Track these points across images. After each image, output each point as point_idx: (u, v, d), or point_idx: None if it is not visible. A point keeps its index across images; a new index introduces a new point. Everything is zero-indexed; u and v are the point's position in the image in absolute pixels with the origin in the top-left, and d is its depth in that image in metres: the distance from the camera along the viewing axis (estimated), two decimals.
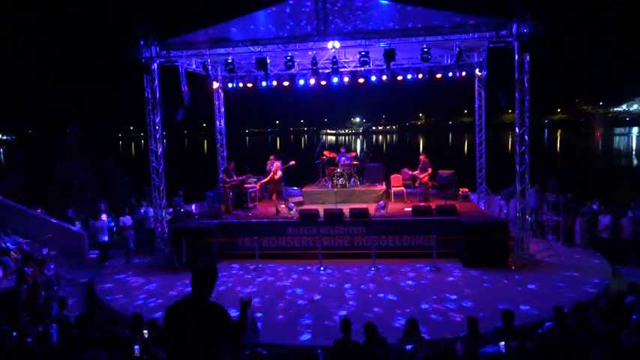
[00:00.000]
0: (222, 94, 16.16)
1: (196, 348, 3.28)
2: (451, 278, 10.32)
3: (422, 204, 13.24)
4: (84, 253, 13.47)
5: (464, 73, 13.69)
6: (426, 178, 14.05)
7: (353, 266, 11.21)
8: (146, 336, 6.17)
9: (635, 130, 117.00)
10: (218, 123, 16.42)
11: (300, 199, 14.98)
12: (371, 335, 5.69)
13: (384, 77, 13.79)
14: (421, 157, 14.17)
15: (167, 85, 11.81)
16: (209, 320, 3.34)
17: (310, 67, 12.95)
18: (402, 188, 15.04)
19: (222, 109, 16.32)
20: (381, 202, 12.88)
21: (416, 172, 14.32)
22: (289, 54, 11.97)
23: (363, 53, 12.07)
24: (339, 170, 15.03)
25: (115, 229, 15.00)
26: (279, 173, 14.00)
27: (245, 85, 14.73)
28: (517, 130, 10.94)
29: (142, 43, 11.59)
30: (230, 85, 14.99)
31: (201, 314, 3.36)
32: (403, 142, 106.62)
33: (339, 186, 14.87)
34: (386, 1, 11.35)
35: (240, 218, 13.12)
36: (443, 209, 12.13)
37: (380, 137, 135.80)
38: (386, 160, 17.83)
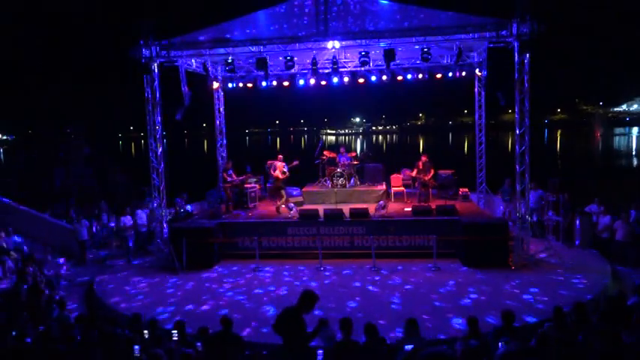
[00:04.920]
0: (222, 94, 16.16)
1: (290, 337, 5.21)
2: (451, 278, 10.31)
3: (422, 204, 13.24)
4: (84, 253, 13.46)
5: (464, 73, 13.69)
6: (432, 180, 14.01)
7: (353, 266, 11.21)
8: (146, 336, 6.17)
9: (635, 130, 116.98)
10: (218, 123, 16.42)
11: (300, 199, 14.98)
12: (371, 335, 5.68)
13: (384, 77, 13.79)
14: (423, 157, 14.10)
15: (167, 85, 11.82)
16: (294, 327, 5.15)
17: (310, 67, 12.95)
18: (402, 188, 15.04)
19: (222, 109, 16.33)
20: (381, 202, 12.88)
21: (414, 174, 14.28)
22: (289, 54, 11.97)
23: (363, 53, 12.08)
24: (339, 170, 15.03)
25: (114, 229, 15.01)
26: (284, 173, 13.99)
27: (245, 85, 14.74)
28: (517, 130, 10.94)
29: (142, 43, 11.60)
30: (230, 85, 15.00)
31: (293, 321, 5.15)
32: (403, 142, 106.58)
33: (339, 186, 14.87)
34: (386, 1, 11.36)
35: (240, 218, 13.12)
36: (443, 209, 12.12)
37: (380, 137, 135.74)
38: (386, 160, 17.83)
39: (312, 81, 13.90)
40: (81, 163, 23.92)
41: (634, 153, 59.89)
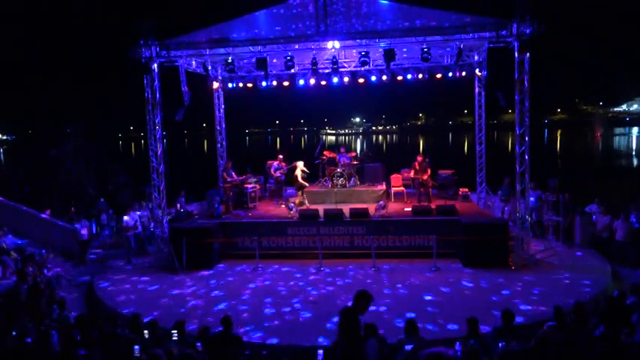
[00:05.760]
0: (222, 94, 16.16)
1: (346, 335, 5.29)
2: (451, 278, 10.31)
3: (422, 204, 13.24)
4: (84, 253, 13.45)
5: (464, 73, 13.68)
6: (430, 181, 13.94)
7: (353, 266, 11.21)
8: (146, 336, 6.17)
9: (635, 130, 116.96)
10: (218, 123, 16.42)
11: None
12: (371, 335, 5.68)
13: (384, 77, 13.77)
14: (418, 158, 14.04)
15: (167, 85, 11.81)
16: (350, 328, 5.25)
17: (310, 67, 12.95)
18: (402, 188, 15.04)
19: (222, 109, 16.33)
20: (381, 202, 12.88)
21: (411, 174, 14.23)
22: (289, 54, 11.97)
23: (363, 53, 12.08)
24: (339, 170, 15.03)
25: (115, 228, 15.01)
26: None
27: (245, 85, 14.73)
28: (517, 130, 10.94)
29: (142, 43, 11.59)
30: (230, 85, 14.99)
31: (349, 320, 5.27)
32: (403, 142, 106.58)
33: (339, 186, 14.87)
34: (386, 1, 11.36)
35: (240, 218, 13.12)
36: (443, 209, 12.13)
37: (380, 137, 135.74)
38: (386, 160, 17.83)
39: (312, 81, 13.90)
40: (81, 163, 23.91)
41: (634, 153, 59.88)
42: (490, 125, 15.73)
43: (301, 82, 14.12)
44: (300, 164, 14.12)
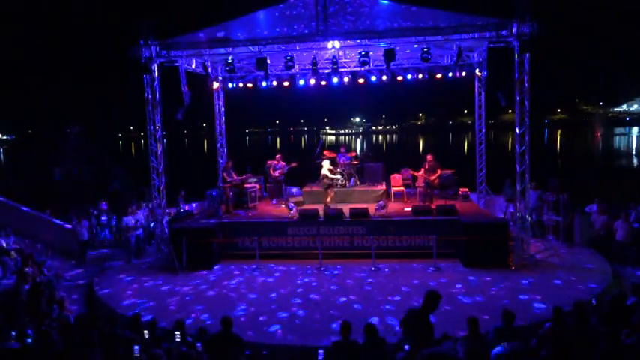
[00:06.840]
0: (222, 94, 16.16)
1: (417, 336, 5.22)
2: (451, 278, 10.31)
3: (422, 204, 13.24)
4: (84, 254, 13.45)
5: (464, 73, 13.68)
6: (437, 181, 13.86)
7: (353, 266, 11.21)
8: (146, 336, 6.17)
9: (635, 130, 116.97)
10: (218, 123, 16.42)
11: (300, 199, 14.99)
12: (371, 335, 5.69)
13: (384, 77, 13.77)
14: (428, 157, 13.83)
15: (167, 85, 11.81)
16: (422, 329, 5.24)
17: (310, 67, 12.95)
18: (402, 188, 15.03)
19: (222, 109, 16.33)
20: (381, 202, 12.88)
21: (420, 173, 14.09)
22: (289, 54, 11.96)
23: (363, 53, 12.07)
24: (339, 170, 15.03)
25: (114, 229, 15.01)
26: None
27: (245, 85, 14.74)
28: (517, 130, 10.94)
29: (141, 42, 11.59)
30: (230, 85, 14.99)
31: (421, 323, 5.26)
32: (403, 142, 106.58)
33: (339, 186, 14.87)
34: (386, 1, 11.36)
35: (240, 218, 13.12)
36: (443, 209, 12.12)
37: (380, 137, 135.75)
38: (386, 160, 17.83)
39: (312, 81, 13.90)
40: (81, 164, 23.94)
41: (634, 153, 59.88)
42: (490, 125, 15.73)
43: (301, 82, 14.12)
44: (327, 164, 14.01)
